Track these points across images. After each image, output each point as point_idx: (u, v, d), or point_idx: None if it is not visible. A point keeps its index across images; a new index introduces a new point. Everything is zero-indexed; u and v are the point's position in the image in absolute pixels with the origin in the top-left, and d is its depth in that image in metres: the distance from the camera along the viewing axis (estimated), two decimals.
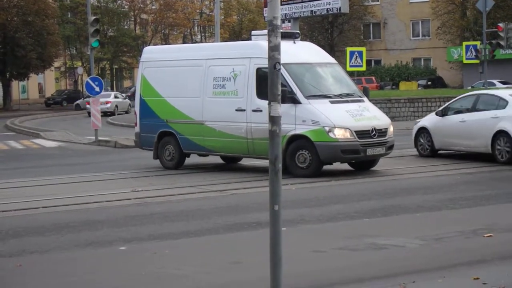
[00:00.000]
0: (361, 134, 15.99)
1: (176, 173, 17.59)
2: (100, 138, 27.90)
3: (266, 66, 6.03)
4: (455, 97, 21.01)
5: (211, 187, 15.16)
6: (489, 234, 9.80)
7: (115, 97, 53.96)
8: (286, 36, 17.54)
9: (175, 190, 14.86)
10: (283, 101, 15.61)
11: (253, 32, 18.29)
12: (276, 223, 5.59)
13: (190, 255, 9.28)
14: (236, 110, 16.86)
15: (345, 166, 17.17)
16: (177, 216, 12.01)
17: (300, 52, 17.38)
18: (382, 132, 16.39)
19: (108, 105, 49.75)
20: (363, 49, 34.20)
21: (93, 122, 28.16)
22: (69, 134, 32.52)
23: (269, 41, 5.74)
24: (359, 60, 31.21)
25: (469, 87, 54.13)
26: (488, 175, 15.88)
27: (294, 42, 17.41)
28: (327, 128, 15.80)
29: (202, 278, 8.07)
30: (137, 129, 19.13)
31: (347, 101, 16.61)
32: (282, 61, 17.64)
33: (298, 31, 18.55)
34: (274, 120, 5.72)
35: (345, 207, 12.39)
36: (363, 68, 34.29)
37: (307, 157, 16.00)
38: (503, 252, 8.91)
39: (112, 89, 68.09)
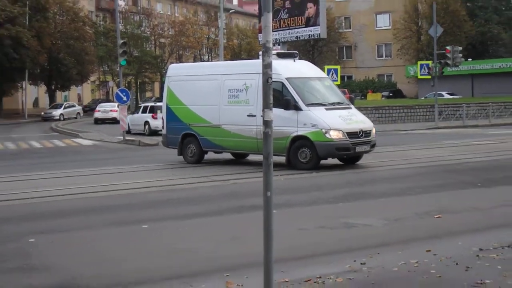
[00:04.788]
0: (351, 135, 15.98)
1: (190, 167, 17.53)
2: (127, 138, 27.88)
3: (273, 80, 5.92)
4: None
5: (217, 178, 15.12)
6: (438, 215, 9.81)
7: (64, 107, 55.48)
8: (288, 56, 17.63)
9: (189, 180, 14.81)
10: (288, 108, 15.99)
11: (260, 52, 18.12)
12: (268, 206, 5.56)
13: (200, 232, 9.26)
14: (248, 115, 16.76)
15: (335, 161, 17.05)
16: (190, 201, 11.99)
17: (299, 68, 17.31)
18: (367, 133, 16.40)
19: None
20: (338, 67, 34.01)
21: (121, 125, 28.33)
22: (102, 135, 32.45)
23: (263, 60, 5.67)
24: (335, 75, 31.06)
25: (423, 98, 54.33)
26: (440, 168, 15.85)
27: (294, 61, 17.35)
28: (324, 130, 15.76)
29: (208, 250, 8.05)
30: (164, 131, 19.05)
31: (338, 108, 16.54)
32: (286, 76, 17.64)
33: (296, 52, 18.33)
34: (267, 123, 5.66)
35: (324, 194, 12.37)
36: (338, 82, 34.03)
37: (307, 153, 15.92)
38: (451, 229, 8.90)
39: (136, 99, 67.95)
